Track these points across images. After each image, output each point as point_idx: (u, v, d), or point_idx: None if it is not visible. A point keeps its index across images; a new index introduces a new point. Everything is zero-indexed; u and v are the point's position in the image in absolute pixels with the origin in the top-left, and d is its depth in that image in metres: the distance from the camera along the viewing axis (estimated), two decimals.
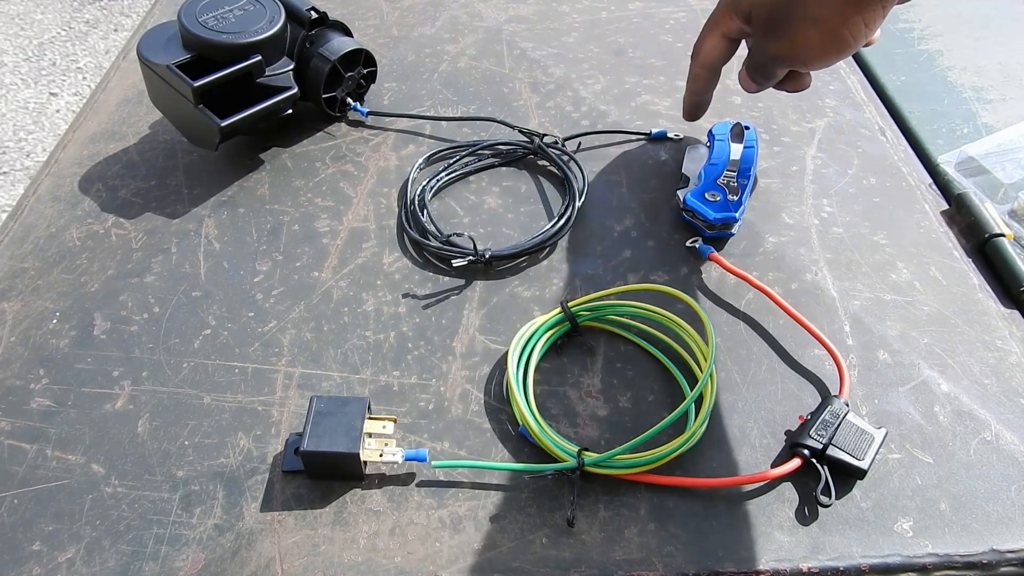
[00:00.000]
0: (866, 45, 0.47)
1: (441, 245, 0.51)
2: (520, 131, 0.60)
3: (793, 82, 0.50)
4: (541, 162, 0.59)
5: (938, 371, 0.45)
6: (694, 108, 0.55)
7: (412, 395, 0.44)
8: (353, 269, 0.51)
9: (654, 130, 0.61)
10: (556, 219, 0.53)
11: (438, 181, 0.56)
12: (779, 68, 0.48)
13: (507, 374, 0.43)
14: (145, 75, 0.56)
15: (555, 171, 0.58)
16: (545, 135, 0.59)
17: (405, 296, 0.49)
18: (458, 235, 0.52)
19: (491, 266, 0.51)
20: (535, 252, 0.52)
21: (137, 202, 0.56)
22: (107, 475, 0.40)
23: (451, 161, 0.58)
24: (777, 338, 0.47)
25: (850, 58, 0.72)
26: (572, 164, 0.58)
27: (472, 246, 0.50)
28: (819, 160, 0.59)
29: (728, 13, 0.48)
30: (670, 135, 0.61)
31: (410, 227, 0.52)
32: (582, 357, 0.46)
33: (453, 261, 0.50)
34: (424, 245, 0.51)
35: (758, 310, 0.48)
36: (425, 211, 0.54)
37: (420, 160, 0.58)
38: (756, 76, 0.50)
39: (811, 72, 0.50)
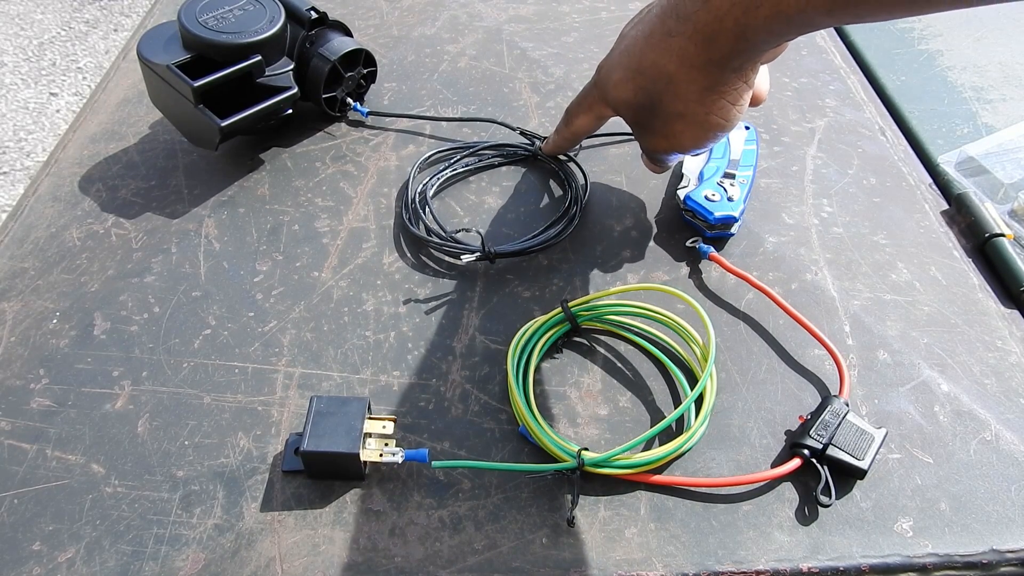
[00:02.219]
0: (754, 104, 0.47)
1: (443, 242, 0.51)
2: (520, 132, 0.60)
3: None
4: (542, 162, 0.59)
5: (938, 371, 0.45)
6: (556, 153, 0.57)
7: (412, 395, 0.44)
8: (353, 269, 0.51)
9: None
10: (558, 218, 0.53)
11: (439, 180, 0.56)
12: (668, 158, 0.48)
13: (507, 374, 0.43)
14: (145, 75, 0.56)
15: (556, 171, 0.58)
16: (546, 136, 0.59)
17: (405, 296, 0.49)
18: (465, 231, 0.52)
19: (495, 263, 0.51)
20: (537, 251, 0.51)
21: (137, 202, 0.56)
22: (107, 475, 0.40)
23: (452, 162, 0.58)
24: (777, 338, 0.47)
25: (850, 58, 0.72)
26: (573, 164, 0.58)
27: (480, 242, 0.49)
28: (819, 160, 0.59)
29: (600, 102, 0.48)
30: None
31: (412, 225, 0.52)
32: (582, 357, 0.46)
33: (462, 257, 0.50)
34: (428, 243, 0.51)
35: (758, 310, 0.48)
36: (428, 209, 0.54)
37: (420, 160, 0.58)
38: (652, 165, 0.51)
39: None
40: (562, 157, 0.58)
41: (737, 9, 0.36)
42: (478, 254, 0.49)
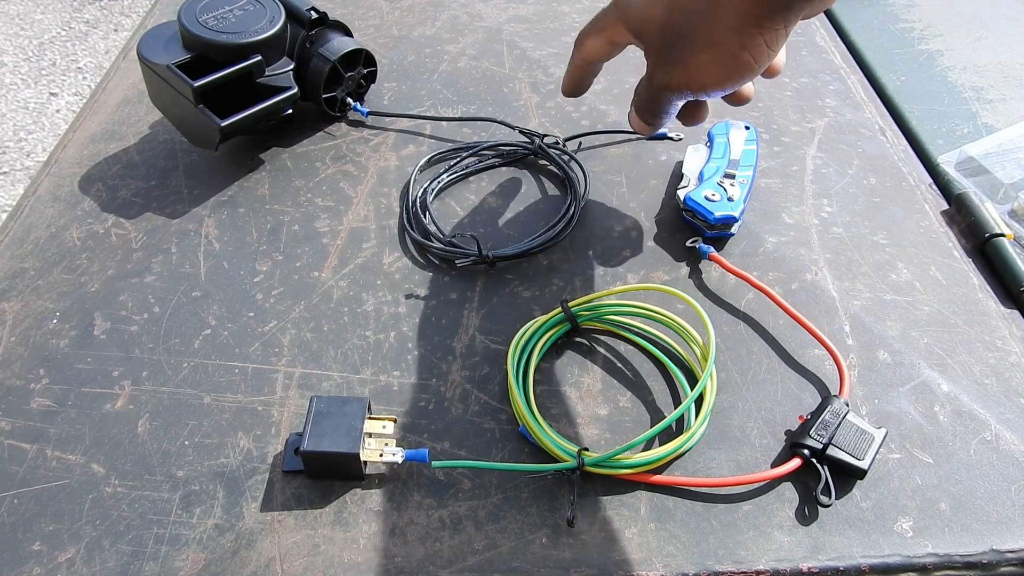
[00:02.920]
0: (769, 75, 0.45)
1: (444, 246, 0.51)
2: (520, 131, 0.60)
3: (689, 115, 0.46)
4: (542, 162, 0.59)
5: (938, 371, 0.45)
6: (572, 90, 0.50)
7: (412, 395, 0.44)
8: (353, 269, 0.51)
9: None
10: (559, 219, 0.53)
11: (439, 183, 0.56)
12: (674, 100, 0.43)
13: (507, 374, 0.43)
14: (145, 75, 0.56)
15: (556, 171, 0.58)
16: (546, 135, 0.59)
17: (405, 296, 0.49)
18: (462, 235, 0.52)
19: (494, 266, 0.51)
20: (537, 251, 0.52)
21: (137, 202, 0.56)
22: (107, 475, 0.40)
23: (452, 162, 0.58)
24: (777, 338, 0.47)
25: (850, 58, 0.72)
26: (573, 164, 0.58)
27: (476, 246, 0.50)
28: (819, 160, 0.59)
29: (618, 24, 0.44)
30: (670, 135, 0.61)
31: (412, 229, 0.52)
32: (582, 357, 0.46)
33: (457, 261, 0.50)
34: (427, 247, 0.51)
35: (758, 310, 0.48)
36: (427, 213, 0.54)
37: (421, 162, 0.58)
38: (647, 115, 0.45)
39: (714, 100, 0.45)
40: (563, 156, 0.58)
41: None
42: (474, 258, 0.49)
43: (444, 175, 0.57)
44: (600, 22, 0.45)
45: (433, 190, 0.55)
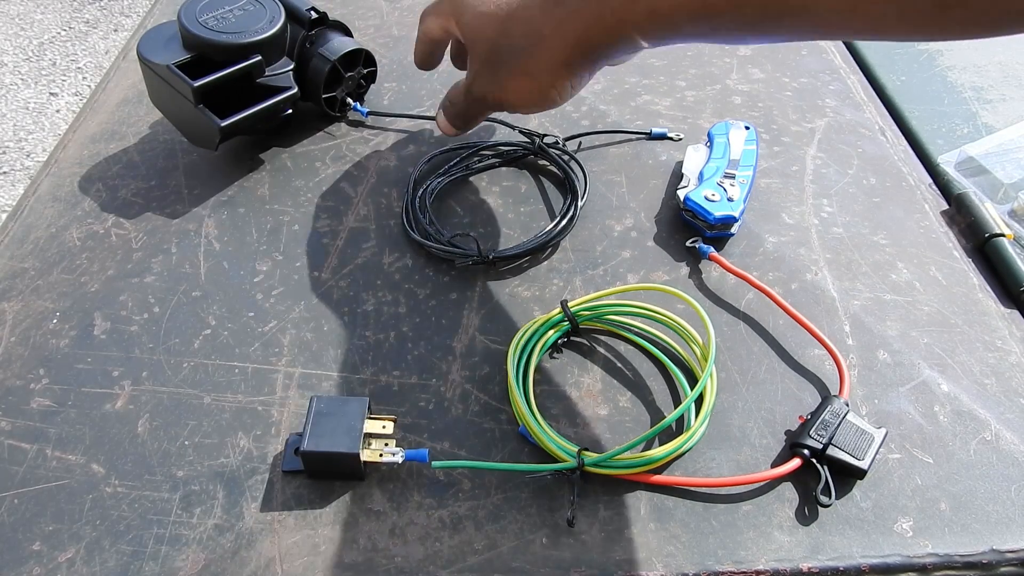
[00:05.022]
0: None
1: (443, 246, 0.51)
2: (520, 131, 0.60)
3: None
4: (542, 162, 0.59)
5: (938, 371, 0.45)
6: (420, 63, 0.55)
7: (412, 395, 0.44)
8: (353, 269, 0.51)
9: (654, 129, 0.61)
10: (558, 218, 0.53)
11: (439, 183, 0.56)
12: (485, 111, 0.51)
13: (507, 374, 0.43)
14: (145, 75, 0.56)
15: (556, 171, 0.58)
16: (545, 135, 0.59)
17: (405, 296, 0.49)
18: (463, 235, 0.52)
19: (494, 266, 0.51)
20: (537, 251, 0.51)
21: (137, 202, 0.56)
22: (107, 475, 0.40)
23: (452, 162, 0.58)
24: (777, 338, 0.47)
25: (850, 58, 0.72)
26: (573, 164, 0.58)
27: (476, 246, 0.50)
28: (819, 160, 0.59)
29: (451, 19, 0.48)
30: (670, 135, 0.61)
31: (412, 229, 0.52)
32: (582, 357, 0.46)
33: (457, 262, 0.50)
34: (427, 247, 0.51)
35: (758, 310, 0.48)
36: (427, 213, 0.54)
37: (422, 162, 0.58)
38: (458, 120, 0.52)
39: None
40: (563, 156, 0.58)
41: (614, 4, 0.38)
42: (474, 258, 0.49)
43: (444, 175, 0.57)
44: (441, 6, 0.49)
45: (433, 190, 0.55)
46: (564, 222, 0.52)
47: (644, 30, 0.39)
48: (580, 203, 0.54)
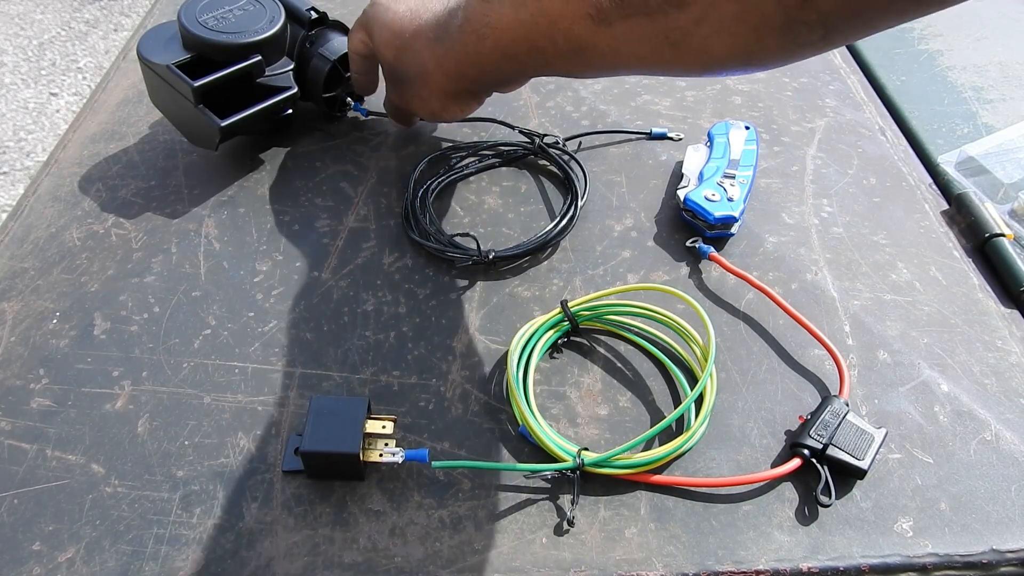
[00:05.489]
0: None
1: (443, 246, 0.51)
2: (520, 131, 0.60)
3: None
4: (542, 162, 0.59)
5: (938, 371, 0.45)
6: (358, 86, 0.59)
7: (412, 395, 0.44)
8: (353, 269, 0.51)
9: (654, 130, 0.61)
10: (558, 218, 0.53)
11: (439, 183, 0.56)
12: (409, 113, 0.57)
13: (507, 374, 0.43)
14: (145, 75, 0.56)
15: (556, 171, 0.58)
16: (546, 135, 0.59)
17: (405, 296, 0.49)
18: (462, 235, 0.52)
19: (494, 266, 0.51)
20: (537, 251, 0.51)
21: (137, 202, 0.56)
22: (107, 475, 0.40)
23: (452, 162, 0.58)
24: (777, 338, 0.47)
25: (850, 58, 0.72)
26: (573, 164, 0.58)
27: (476, 246, 0.50)
28: (819, 160, 0.59)
29: (364, 31, 0.53)
30: (670, 135, 0.61)
31: (412, 230, 0.52)
32: (582, 357, 0.46)
33: (457, 262, 0.50)
34: (427, 247, 0.51)
35: (758, 310, 0.48)
36: (427, 213, 0.54)
37: (421, 162, 0.58)
38: (396, 118, 0.59)
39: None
40: (563, 156, 0.58)
41: (472, 36, 0.44)
42: (474, 258, 0.49)
43: (444, 175, 0.57)
44: (357, 23, 0.55)
45: (433, 190, 0.55)
46: (564, 222, 0.52)
47: (498, 64, 0.45)
48: (580, 203, 0.54)
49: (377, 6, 0.52)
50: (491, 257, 0.49)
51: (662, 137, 0.61)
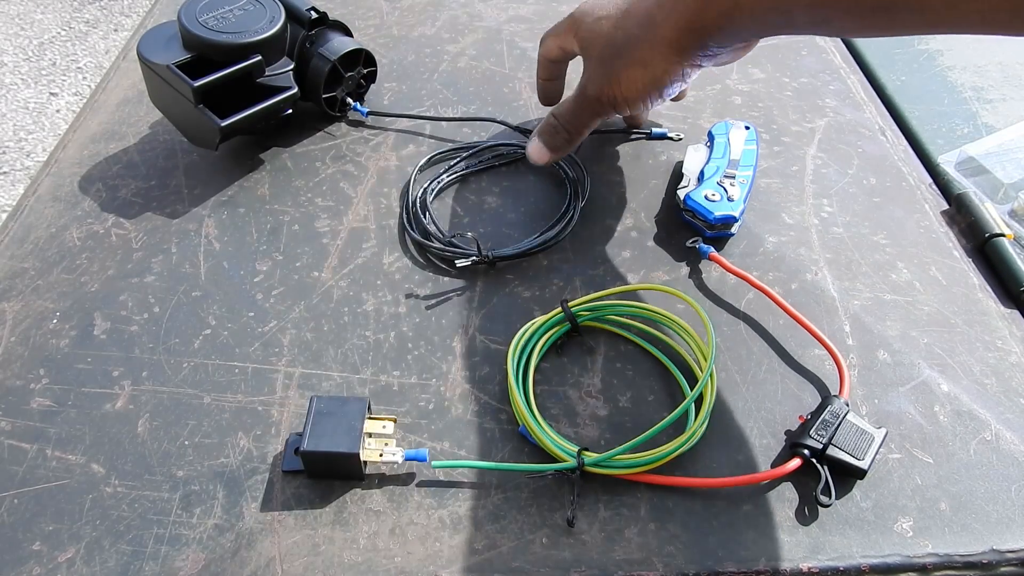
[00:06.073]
0: (677, 99, 0.58)
1: (444, 246, 0.51)
2: (521, 131, 0.60)
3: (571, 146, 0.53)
4: None
5: (938, 371, 0.45)
6: (543, 95, 0.58)
7: (412, 395, 0.44)
8: (353, 269, 0.51)
9: (654, 130, 0.61)
10: (559, 219, 0.53)
11: (439, 183, 0.56)
12: (596, 115, 0.50)
13: (507, 374, 0.43)
14: (145, 75, 0.56)
15: (556, 171, 0.58)
16: None
17: (405, 296, 0.49)
18: (462, 235, 0.52)
19: (494, 266, 0.51)
20: (538, 252, 0.51)
21: (137, 202, 0.56)
22: (107, 475, 0.40)
23: (452, 162, 0.58)
24: (777, 338, 0.47)
25: (850, 58, 0.72)
26: (573, 164, 0.58)
27: (476, 246, 0.50)
28: (819, 160, 0.59)
29: (570, 33, 0.50)
30: (670, 135, 0.61)
31: (412, 229, 0.52)
32: (582, 357, 0.46)
33: (457, 262, 0.50)
34: (427, 247, 0.51)
35: (758, 310, 0.48)
36: (427, 213, 0.54)
37: (421, 162, 0.58)
38: (559, 136, 0.51)
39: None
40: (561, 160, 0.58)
41: None
42: (474, 258, 0.49)
43: (444, 175, 0.57)
44: (559, 27, 0.52)
45: (433, 190, 0.55)
46: (564, 222, 0.52)
47: (756, 15, 0.39)
48: (580, 203, 0.54)
49: (580, 7, 0.50)
50: (491, 257, 0.49)
51: (662, 137, 0.61)
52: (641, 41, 0.45)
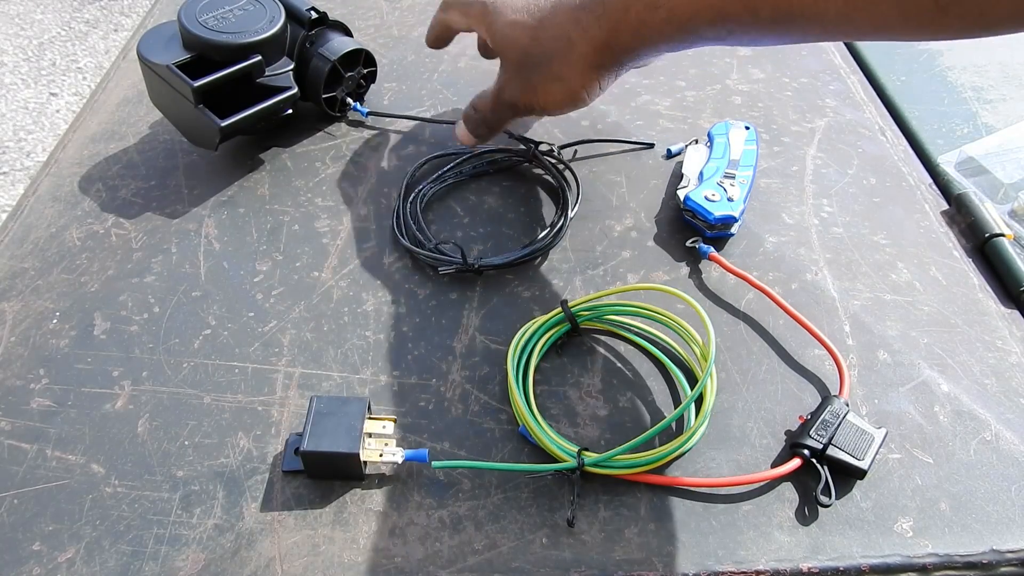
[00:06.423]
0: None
1: (432, 253, 0.50)
2: (516, 138, 0.59)
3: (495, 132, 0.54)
4: (536, 170, 0.59)
5: (938, 371, 0.45)
6: (432, 44, 0.56)
7: (412, 395, 0.44)
8: (353, 269, 0.51)
9: (670, 148, 0.59)
10: (548, 229, 0.52)
11: (432, 189, 0.55)
12: (512, 116, 0.52)
13: (507, 374, 0.43)
14: (145, 75, 0.56)
15: (549, 179, 0.58)
16: (540, 143, 0.58)
17: (405, 296, 0.49)
18: (447, 243, 0.51)
19: (480, 275, 0.50)
20: (527, 262, 0.51)
21: (137, 202, 0.56)
22: (107, 475, 0.40)
23: (446, 168, 0.56)
24: (777, 338, 0.47)
25: (850, 58, 0.72)
26: (566, 172, 0.57)
27: (460, 255, 0.49)
28: (819, 160, 0.59)
29: (482, 24, 0.49)
30: (672, 149, 0.59)
31: (403, 235, 0.52)
32: (582, 357, 0.46)
33: (440, 269, 0.49)
34: (416, 254, 0.51)
35: (758, 310, 0.48)
36: (417, 219, 0.53)
37: (414, 166, 0.57)
38: (483, 127, 0.53)
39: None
40: (557, 165, 0.57)
41: (640, 4, 0.41)
42: (457, 266, 0.49)
43: (437, 181, 0.56)
44: (470, 8, 0.50)
45: (425, 195, 0.55)
46: (553, 232, 0.52)
47: (665, 34, 0.42)
48: (571, 213, 0.53)
49: None
50: (477, 266, 0.49)
51: (650, 146, 0.60)
52: (558, 58, 0.46)
